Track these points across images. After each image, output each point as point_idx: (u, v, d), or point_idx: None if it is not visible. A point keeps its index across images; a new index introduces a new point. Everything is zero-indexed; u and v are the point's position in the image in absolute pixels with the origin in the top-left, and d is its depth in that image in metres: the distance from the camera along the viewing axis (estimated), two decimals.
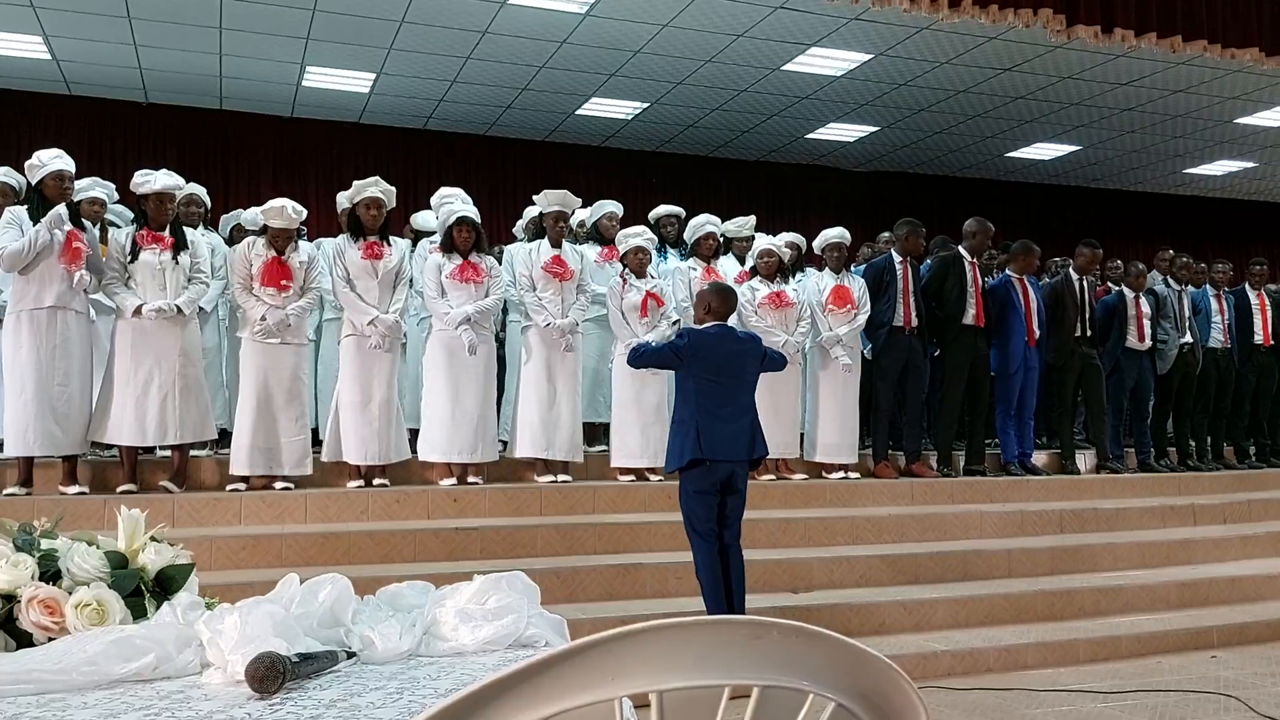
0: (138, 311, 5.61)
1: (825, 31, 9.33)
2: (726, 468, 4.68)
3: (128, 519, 1.65)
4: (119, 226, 6.78)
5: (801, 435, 7.25)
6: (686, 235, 7.44)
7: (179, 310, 5.69)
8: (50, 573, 1.54)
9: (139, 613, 1.56)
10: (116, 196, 6.95)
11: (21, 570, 1.49)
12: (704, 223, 7.28)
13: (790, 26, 9.21)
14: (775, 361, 5.03)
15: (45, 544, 1.57)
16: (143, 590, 1.58)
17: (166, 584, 1.62)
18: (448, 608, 1.57)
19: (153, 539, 1.67)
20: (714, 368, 4.73)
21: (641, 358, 4.94)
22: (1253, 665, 5.22)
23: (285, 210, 5.97)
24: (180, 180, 5.99)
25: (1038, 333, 7.80)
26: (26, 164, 5.68)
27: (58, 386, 5.49)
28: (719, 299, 4.93)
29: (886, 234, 8.68)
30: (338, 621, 1.52)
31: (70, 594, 1.51)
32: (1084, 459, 8.20)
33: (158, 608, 1.55)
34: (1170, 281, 8.78)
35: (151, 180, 5.78)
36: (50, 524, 1.63)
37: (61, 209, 5.49)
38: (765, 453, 4.89)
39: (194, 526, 5.37)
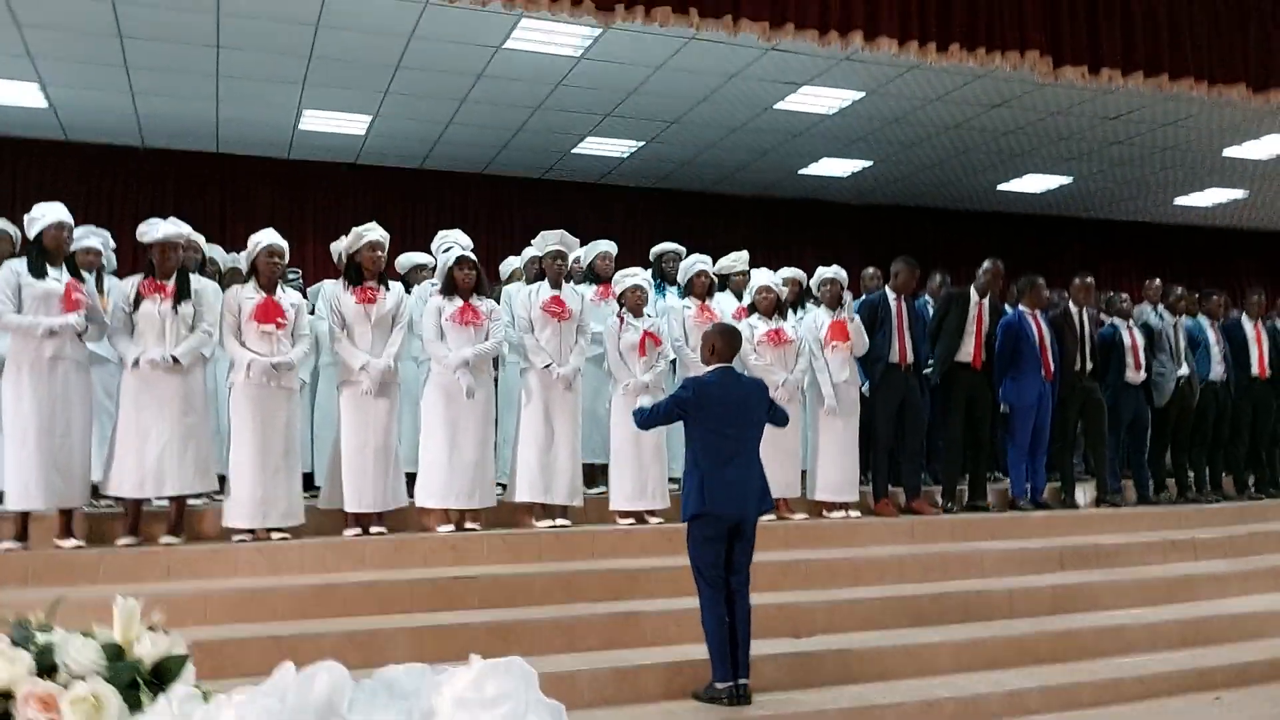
0: (137, 362, 5.61)
1: (816, 71, 9.41)
2: (731, 520, 4.69)
3: (123, 609, 1.64)
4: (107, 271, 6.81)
5: (803, 473, 7.24)
6: (679, 275, 7.46)
7: (175, 361, 5.68)
8: (47, 665, 1.54)
9: (135, 705, 1.55)
10: (114, 244, 6.96)
11: (18, 666, 1.49)
12: (695, 262, 7.30)
13: (782, 67, 9.28)
14: (779, 416, 5.04)
15: (41, 637, 1.56)
16: (139, 682, 1.58)
17: (163, 675, 1.62)
18: (445, 696, 1.56)
19: (149, 628, 1.66)
20: (718, 416, 4.73)
21: (649, 419, 4.95)
22: (1257, 706, 5.19)
23: (271, 232, 6.06)
24: (185, 228, 6.00)
25: (1053, 366, 7.82)
26: (26, 218, 5.70)
27: (59, 438, 5.47)
28: (722, 340, 4.93)
29: (871, 269, 8.72)
30: (334, 712, 1.51)
31: (67, 688, 1.51)
32: (1083, 492, 8.19)
33: (154, 699, 1.55)
34: (1164, 313, 8.79)
35: (155, 229, 5.80)
36: (45, 615, 1.63)
37: (71, 320, 5.49)
38: (771, 506, 4.92)
39: (190, 579, 5.34)
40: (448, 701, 1.56)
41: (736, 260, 7.98)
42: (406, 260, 7.71)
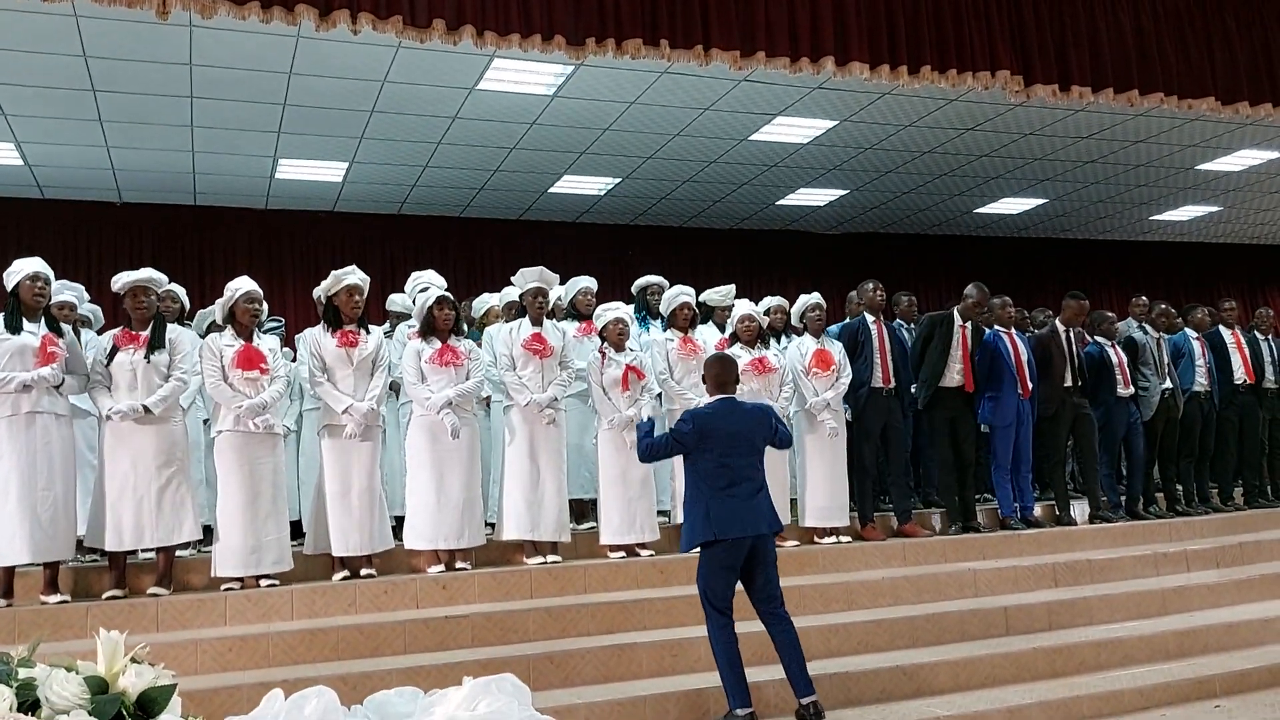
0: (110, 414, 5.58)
1: (790, 101, 9.49)
2: (745, 543, 4.66)
3: (106, 641, 1.61)
4: (90, 327, 6.78)
5: (793, 500, 7.23)
6: (662, 307, 7.46)
7: (146, 410, 5.63)
8: (29, 701, 1.50)
9: None
10: (88, 298, 6.94)
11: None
12: (678, 294, 7.30)
13: (755, 98, 9.36)
14: (783, 439, 5.05)
15: (23, 672, 1.53)
16: (124, 715, 1.55)
17: (148, 707, 1.58)
18: (437, 716, 1.54)
19: (133, 660, 1.63)
20: (720, 446, 4.71)
21: (651, 452, 4.90)
22: (1257, 712, 5.16)
23: (247, 279, 6.05)
24: (152, 273, 5.97)
25: (1030, 385, 7.84)
26: (5, 273, 5.67)
27: (42, 491, 5.40)
28: (717, 369, 4.94)
29: (855, 293, 8.73)
30: None
31: None
32: (1076, 508, 8.19)
33: None
34: (1147, 329, 8.84)
35: (124, 276, 5.80)
36: (27, 651, 1.60)
37: (45, 373, 5.45)
38: (780, 527, 4.87)
39: (179, 630, 5.27)
40: None
41: (725, 295, 8.00)
42: (402, 307, 7.64)
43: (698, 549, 4.77)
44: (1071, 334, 8.18)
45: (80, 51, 7.71)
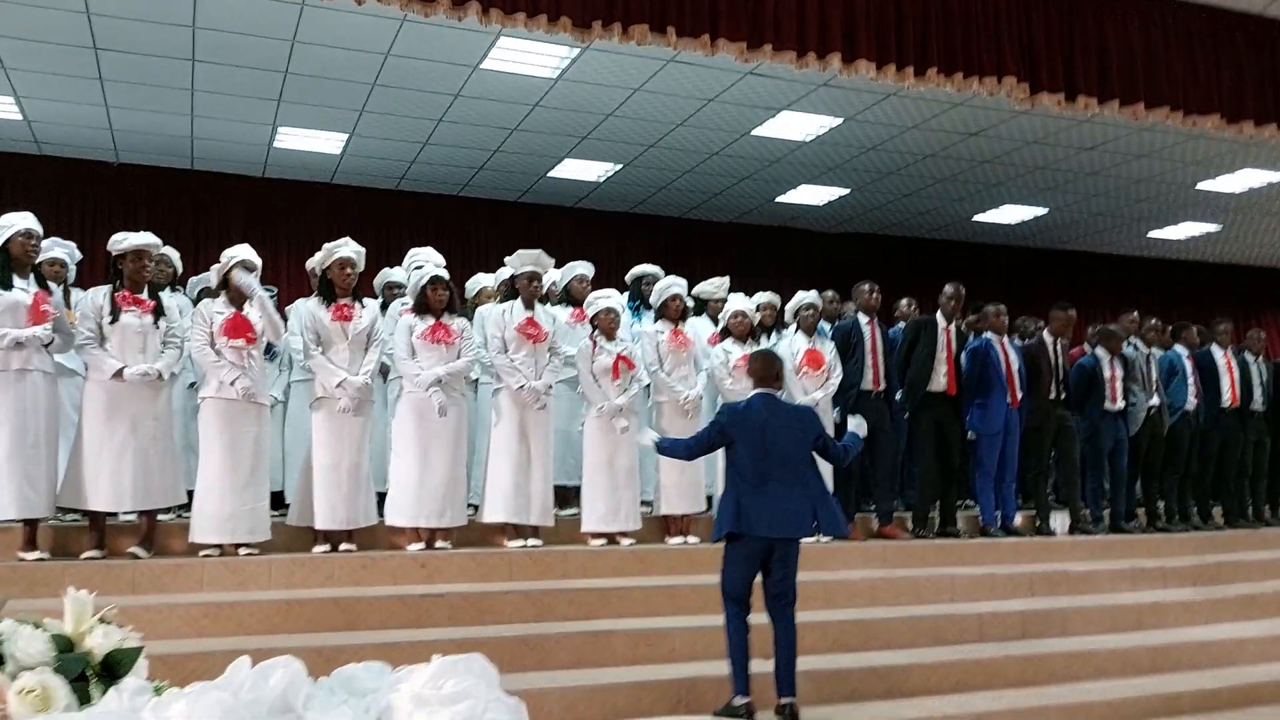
0: (119, 375, 5.54)
1: (794, 97, 9.47)
2: (768, 542, 4.66)
3: (74, 601, 1.61)
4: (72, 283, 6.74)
5: None
6: (653, 298, 7.42)
7: (160, 375, 5.65)
8: None
9: (84, 698, 1.51)
10: (79, 256, 6.88)
11: None
12: (670, 285, 7.28)
13: (760, 92, 9.33)
14: (834, 454, 4.95)
15: None
16: (88, 675, 1.54)
17: (114, 667, 1.58)
18: (403, 693, 1.53)
19: (101, 620, 1.62)
20: (754, 439, 4.72)
21: (698, 447, 4.94)
22: None
23: (245, 246, 6.04)
24: (152, 236, 5.94)
25: (1020, 394, 7.84)
26: None
27: (29, 448, 5.39)
28: (755, 364, 4.99)
29: (831, 293, 8.68)
30: (289, 708, 1.48)
31: (15, 679, 1.47)
32: (1057, 520, 8.20)
33: (104, 693, 1.51)
34: (1138, 344, 8.84)
35: (128, 238, 5.77)
36: None
37: (38, 332, 5.43)
38: (808, 532, 4.83)
39: (155, 594, 5.26)
40: (406, 699, 1.53)
41: (718, 287, 7.98)
42: (382, 278, 7.65)
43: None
44: (1059, 345, 8.18)
45: (83, 8, 7.65)
